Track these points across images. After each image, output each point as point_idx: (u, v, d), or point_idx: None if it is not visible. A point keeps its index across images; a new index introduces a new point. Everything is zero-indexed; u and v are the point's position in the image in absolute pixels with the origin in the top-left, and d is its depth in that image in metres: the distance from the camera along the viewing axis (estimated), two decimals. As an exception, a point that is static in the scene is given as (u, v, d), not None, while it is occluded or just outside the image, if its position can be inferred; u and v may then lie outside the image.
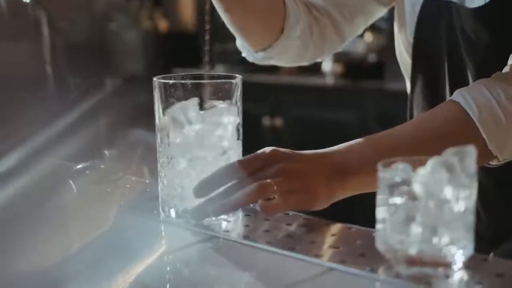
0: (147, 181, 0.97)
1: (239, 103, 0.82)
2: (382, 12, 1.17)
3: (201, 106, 0.80)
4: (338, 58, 2.85)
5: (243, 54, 1.13)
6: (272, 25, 1.07)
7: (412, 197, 0.63)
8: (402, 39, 1.12)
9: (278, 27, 1.07)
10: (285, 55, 1.12)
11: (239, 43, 1.12)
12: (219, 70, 2.88)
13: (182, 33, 3.33)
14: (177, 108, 0.79)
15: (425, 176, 0.63)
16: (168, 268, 0.71)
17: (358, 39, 2.81)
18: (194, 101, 0.79)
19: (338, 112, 2.73)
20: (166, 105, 0.80)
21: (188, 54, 3.32)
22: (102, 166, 1.02)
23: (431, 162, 0.63)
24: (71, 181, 0.98)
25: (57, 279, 0.69)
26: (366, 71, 2.73)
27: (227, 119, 0.81)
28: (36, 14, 3.10)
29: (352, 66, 2.80)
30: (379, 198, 0.65)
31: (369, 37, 2.79)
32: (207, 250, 0.74)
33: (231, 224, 0.80)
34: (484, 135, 0.83)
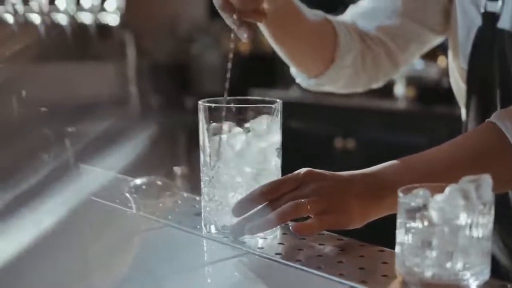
0: (197, 198, 1.02)
1: (278, 126, 0.86)
2: (436, 40, 1.17)
3: (243, 128, 0.85)
4: (411, 82, 2.84)
5: (297, 80, 1.17)
6: (322, 54, 1.10)
7: (429, 222, 0.65)
8: (456, 65, 1.12)
9: (329, 56, 1.10)
10: (337, 83, 1.15)
11: (293, 69, 1.16)
12: (295, 91, 2.93)
13: (262, 55, 3.39)
14: (219, 129, 0.85)
15: (441, 202, 0.65)
16: (204, 281, 0.76)
17: (431, 63, 2.79)
18: (238, 128, 0.85)
19: (410, 136, 2.72)
20: (210, 127, 0.85)
21: (266, 75, 3.39)
22: (159, 183, 1.07)
23: (448, 189, 0.66)
24: (127, 195, 1.04)
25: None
26: (440, 95, 2.71)
27: (267, 141, 0.85)
28: (122, 36, 3.25)
29: (426, 91, 2.79)
30: (399, 221, 0.68)
31: (443, 61, 2.76)
32: (241, 265, 0.78)
33: (267, 241, 0.84)
34: None
